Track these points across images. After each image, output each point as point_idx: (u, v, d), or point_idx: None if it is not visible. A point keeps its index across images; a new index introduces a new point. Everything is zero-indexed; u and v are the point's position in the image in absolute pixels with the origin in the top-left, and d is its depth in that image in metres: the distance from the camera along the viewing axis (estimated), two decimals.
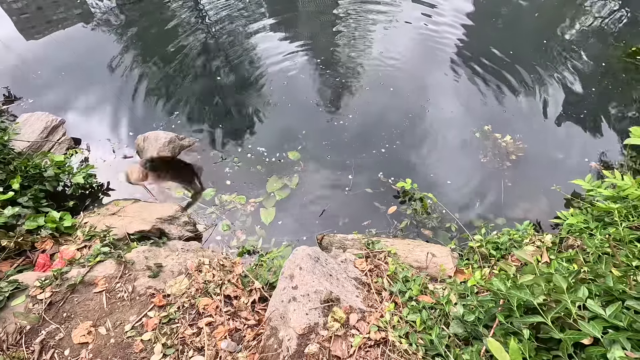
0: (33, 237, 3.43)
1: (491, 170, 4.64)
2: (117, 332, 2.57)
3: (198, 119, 5.43)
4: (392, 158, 4.77)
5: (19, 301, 2.56)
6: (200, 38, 7.05)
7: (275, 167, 4.70)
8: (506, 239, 3.38)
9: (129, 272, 2.95)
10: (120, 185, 4.55)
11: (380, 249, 3.38)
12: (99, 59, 6.53)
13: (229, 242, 4.03)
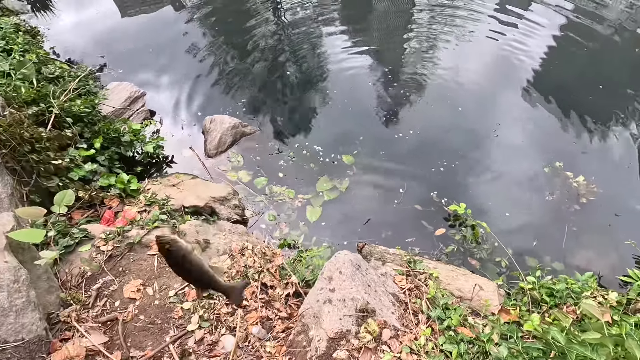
0: (103, 194, 3.78)
1: (556, 211, 4.29)
2: (161, 295, 2.74)
3: (262, 109, 5.63)
4: (448, 179, 4.59)
5: (85, 248, 2.83)
6: (272, 31, 7.31)
7: (328, 167, 4.74)
8: (563, 287, 3.11)
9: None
10: (183, 159, 4.86)
11: (422, 269, 3.27)
12: (181, 41, 7.02)
13: (273, 232, 4.13)
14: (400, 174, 4.64)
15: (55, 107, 3.78)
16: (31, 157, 3.24)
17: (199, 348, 2.46)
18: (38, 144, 3.34)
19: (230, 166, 4.76)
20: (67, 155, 3.67)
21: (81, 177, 3.69)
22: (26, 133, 3.27)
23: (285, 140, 5.14)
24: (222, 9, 8.12)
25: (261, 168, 4.74)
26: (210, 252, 3.20)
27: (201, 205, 3.91)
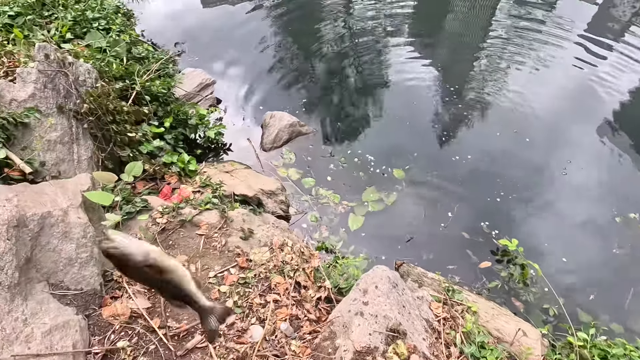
0: (165, 170, 4.06)
1: (623, 267, 3.88)
2: (202, 274, 2.89)
3: (320, 112, 5.72)
4: (503, 211, 4.34)
5: (144, 218, 3.06)
6: (339, 36, 7.38)
7: (377, 178, 4.69)
8: (620, 352, 2.80)
9: (226, 227, 3.29)
10: (239, 149, 5.08)
11: (461, 300, 3.12)
12: (253, 37, 7.33)
13: (312, 233, 4.17)
14: (451, 198, 4.47)
15: (138, 85, 4.14)
16: (111, 127, 3.58)
17: (229, 332, 2.56)
18: (119, 116, 3.68)
19: (282, 162, 4.89)
20: (141, 129, 3.99)
21: (149, 152, 4.00)
22: (111, 105, 3.61)
23: (339, 145, 5.18)
24: (295, 10, 8.37)
25: (311, 169, 4.81)
26: (253, 241, 3.30)
27: (250, 195, 4.06)
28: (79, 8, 4.75)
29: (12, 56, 3.31)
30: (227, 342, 2.49)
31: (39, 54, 3.24)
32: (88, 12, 4.72)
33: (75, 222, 2.41)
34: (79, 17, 4.61)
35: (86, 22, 4.64)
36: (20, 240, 2.16)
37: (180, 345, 2.39)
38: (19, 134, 2.94)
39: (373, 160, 4.89)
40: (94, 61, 3.97)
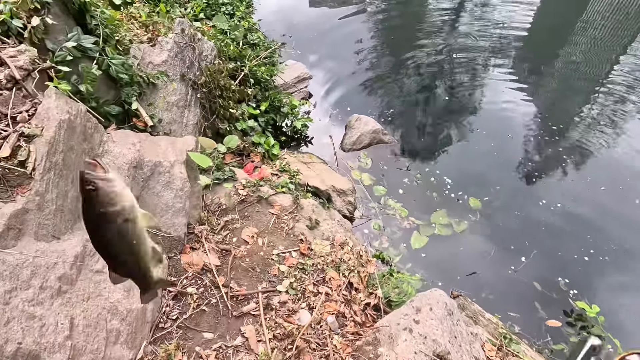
0: (252, 148, 4.40)
1: None
2: (267, 250, 3.09)
3: (405, 124, 5.68)
4: (589, 271, 3.88)
5: (229, 186, 3.37)
6: (437, 51, 7.21)
7: (450, 203, 4.52)
8: None
9: (296, 213, 3.47)
10: (320, 144, 5.28)
11: (517, 352, 2.89)
12: (352, 38, 7.52)
13: (373, 240, 4.18)
14: (529, 242, 4.13)
15: (247, 68, 4.54)
16: (218, 101, 3.99)
17: (280, 309, 2.71)
18: (226, 93, 4.09)
19: (357, 165, 4.96)
20: (240, 108, 4.38)
21: (242, 129, 4.37)
22: (222, 81, 4.03)
23: (417, 160, 5.09)
24: (397, 18, 8.38)
25: (385, 178, 4.81)
26: (317, 232, 3.43)
27: (322, 189, 4.21)
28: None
29: (156, 26, 3.87)
30: (277, 317, 2.64)
31: (177, 28, 3.75)
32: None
33: (177, 175, 2.76)
34: (211, 1, 5.20)
35: (216, 5, 5.22)
36: (135, 179, 2.55)
37: (237, 307, 2.60)
38: (148, 92, 3.44)
39: (450, 184, 4.72)
40: (216, 40, 4.45)
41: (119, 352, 2.01)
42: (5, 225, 1.70)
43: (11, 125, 1.95)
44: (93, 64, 2.72)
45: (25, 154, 1.88)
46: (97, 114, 2.58)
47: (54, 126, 2.01)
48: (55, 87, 2.17)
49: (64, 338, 1.71)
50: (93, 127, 2.36)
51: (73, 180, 2.11)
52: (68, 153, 2.08)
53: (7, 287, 1.59)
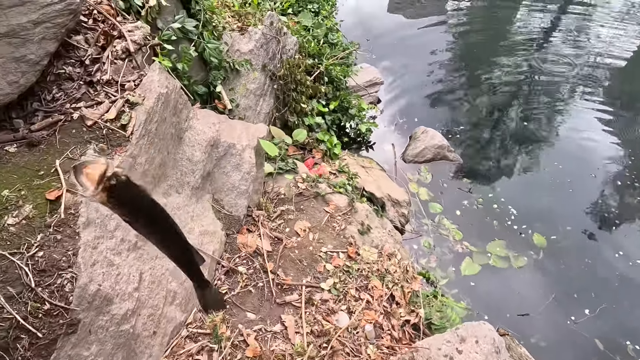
0: (315, 145, 4.48)
1: None
2: (315, 246, 3.13)
3: (473, 144, 5.43)
4: None
5: (289, 177, 3.47)
6: (518, 72, 6.74)
7: (511, 234, 4.24)
8: None
9: (350, 215, 3.47)
10: (380, 150, 5.23)
11: None
12: (427, 48, 7.30)
13: (420, 257, 4.06)
14: (597, 294, 3.73)
15: (323, 66, 4.63)
16: (292, 94, 4.13)
17: (321, 306, 2.74)
18: (300, 87, 4.21)
19: (416, 178, 4.84)
20: (310, 104, 4.48)
21: (309, 124, 4.47)
22: (298, 76, 4.15)
23: (481, 184, 4.83)
24: (479, 33, 7.97)
25: (443, 196, 4.63)
26: (366, 238, 3.41)
27: (377, 196, 4.17)
28: None
29: (247, 16, 4.09)
30: (317, 313, 2.68)
31: (267, 20, 3.93)
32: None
33: (247, 159, 2.91)
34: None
35: (304, 2, 5.38)
36: (210, 157, 2.73)
37: (280, 294, 2.68)
38: (231, 77, 3.65)
39: (514, 214, 4.41)
40: (298, 36, 4.60)
41: (173, 312, 2.18)
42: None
43: (119, 92, 2.19)
44: (191, 45, 2.96)
45: (127, 119, 2.10)
46: (187, 91, 2.80)
47: (154, 97, 2.22)
48: (159, 62, 2.39)
49: (132, 289, 1.89)
50: (183, 104, 2.57)
51: (160, 148, 2.31)
52: (160, 123, 2.28)
53: (97, 234, 1.79)
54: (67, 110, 2.08)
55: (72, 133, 2.02)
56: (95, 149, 1.99)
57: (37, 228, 1.66)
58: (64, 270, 1.63)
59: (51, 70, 2.20)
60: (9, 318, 1.50)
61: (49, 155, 1.90)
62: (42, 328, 1.55)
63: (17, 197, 1.71)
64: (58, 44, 2.09)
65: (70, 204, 1.75)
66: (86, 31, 2.36)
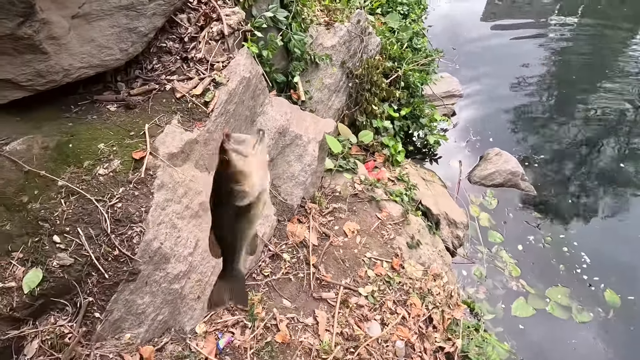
0: (378, 148, 4.42)
1: None
2: (361, 249, 3.10)
3: (554, 175, 4.94)
4: None
5: (348, 176, 3.47)
6: (625, 96, 5.93)
7: (578, 284, 3.80)
8: None
9: (401, 226, 3.38)
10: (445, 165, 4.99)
11: None
12: (519, 63, 6.73)
13: (467, 285, 3.82)
14: None
15: (401, 70, 4.52)
16: (365, 94, 4.10)
17: (355, 310, 2.71)
18: (374, 89, 4.15)
19: (479, 202, 4.54)
20: (382, 107, 4.41)
21: (376, 127, 4.40)
22: (375, 77, 4.10)
23: (553, 221, 4.39)
24: (583, 53, 7.16)
25: (506, 226, 4.29)
26: (414, 253, 3.30)
27: (433, 212, 3.99)
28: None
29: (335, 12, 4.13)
30: (350, 317, 2.66)
31: (354, 18, 3.92)
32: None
33: (310, 152, 2.96)
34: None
35: (394, 4, 5.28)
36: (276, 144, 2.83)
37: (318, 289, 2.71)
38: (310, 70, 3.72)
39: (587, 263, 3.94)
40: (382, 37, 4.53)
41: None
42: (180, 149, 2.09)
43: (208, 71, 2.35)
44: (278, 35, 3.07)
45: (210, 97, 2.25)
46: (267, 78, 2.92)
47: (237, 80, 2.35)
48: (248, 48, 2.52)
49: (188, 253, 2.04)
50: (261, 89, 2.68)
51: (234, 128, 2.45)
52: (239, 105, 2.41)
53: (167, 197, 1.96)
54: (162, 81, 2.29)
55: (162, 102, 2.22)
56: (179, 120, 2.16)
57: (120, 182, 1.87)
58: (135, 223, 1.81)
59: (154, 43, 2.43)
60: (86, 255, 1.71)
61: (141, 119, 2.11)
62: (109, 270, 1.75)
63: (109, 151, 1.93)
64: (165, 20, 2.30)
65: (150, 166, 1.93)
66: (190, 11, 2.56)
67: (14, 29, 1.70)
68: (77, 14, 1.94)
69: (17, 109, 1.96)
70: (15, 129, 1.89)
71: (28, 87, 1.91)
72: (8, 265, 1.64)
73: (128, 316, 1.83)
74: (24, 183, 1.75)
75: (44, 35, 1.80)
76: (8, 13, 1.65)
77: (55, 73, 1.93)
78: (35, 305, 1.65)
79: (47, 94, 2.00)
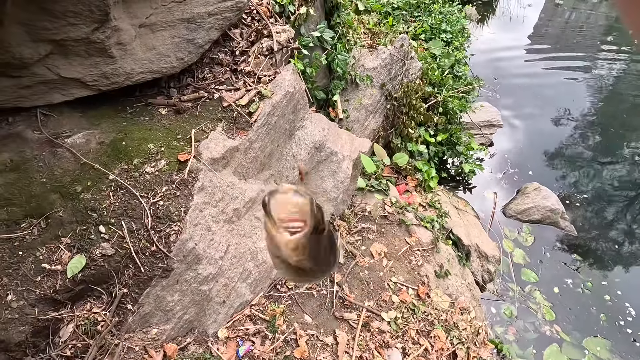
0: (412, 172, 4.37)
1: None
2: (387, 273, 3.03)
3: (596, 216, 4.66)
4: None
5: (379, 197, 3.45)
6: None
7: (621, 337, 3.50)
8: None
9: (430, 253, 3.29)
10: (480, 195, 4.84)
11: None
12: (564, 98, 6.51)
13: (497, 324, 3.62)
14: None
15: (441, 96, 4.49)
16: (402, 117, 4.10)
17: (376, 335, 2.64)
18: (412, 112, 4.15)
19: (514, 237, 4.35)
20: (418, 131, 4.38)
21: (411, 150, 4.37)
22: (414, 101, 4.11)
23: (594, 266, 4.11)
24: (632, 93, 6.80)
25: (542, 266, 4.07)
26: (441, 283, 3.18)
27: (464, 242, 3.86)
28: (439, 19, 5.48)
29: (379, 35, 4.22)
30: (370, 341, 2.59)
31: (398, 42, 3.98)
32: (444, 24, 5.38)
33: (344, 169, 2.98)
34: (435, 26, 5.33)
35: (437, 30, 5.32)
36: (312, 158, 2.87)
37: (340, 309, 2.66)
38: (349, 89, 3.79)
39: (632, 315, 3.64)
40: (424, 62, 4.55)
41: (243, 290, 2.33)
42: (222, 155, 2.17)
43: (255, 83, 2.46)
44: (323, 54, 3.17)
45: (255, 107, 2.34)
46: (309, 94, 2.99)
47: (281, 94, 2.43)
48: (294, 64, 2.61)
49: (219, 257, 2.08)
50: (302, 104, 2.76)
51: (273, 140, 2.52)
52: (280, 118, 2.49)
53: (205, 199, 2.03)
54: (211, 90, 2.41)
55: (209, 109, 2.33)
56: (223, 128, 2.26)
57: (164, 181, 1.96)
58: (174, 222, 1.88)
59: (208, 54, 2.57)
60: (126, 248, 1.79)
61: (188, 124, 2.23)
62: (145, 264, 1.82)
63: (157, 151, 2.04)
64: (220, 33, 2.44)
65: (193, 168, 2.02)
66: (243, 26, 2.71)
67: (88, 34, 1.87)
68: (144, 23, 2.10)
69: (81, 105, 2.13)
70: (78, 124, 2.04)
71: (93, 87, 2.07)
72: (56, 249, 1.74)
73: (157, 312, 1.88)
74: (79, 174, 1.88)
75: (114, 41, 1.96)
76: (86, 19, 1.82)
77: (119, 76, 2.08)
78: (75, 290, 1.74)
79: (108, 94, 2.16)
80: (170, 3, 2.13)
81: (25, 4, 1.69)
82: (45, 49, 1.84)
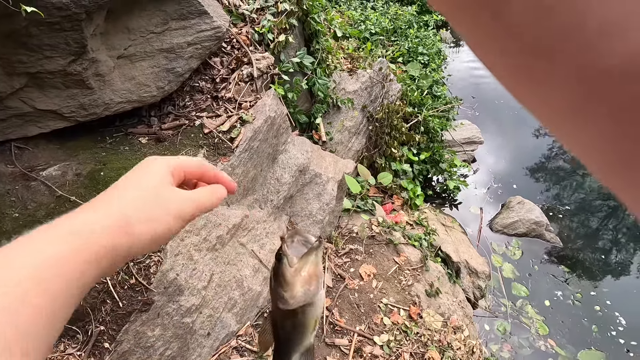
0: (397, 191, 4.39)
1: None
2: (377, 294, 2.98)
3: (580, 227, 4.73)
4: None
5: (365, 217, 3.44)
6: None
7: (614, 349, 3.48)
8: None
9: (420, 272, 3.26)
10: (465, 211, 4.88)
11: None
12: None
13: (491, 341, 3.56)
14: None
15: (421, 116, 4.61)
16: (385, 137, 4.17)
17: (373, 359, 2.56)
18: (394, 132, 4.23)
19: (502, 251, 4.36)
20: (401, 150, 4.45)
21: (395, 169, 4.42)
22: (395, 121, 4.19)
23: (583, 277, 4.13)
24: None
25: (531, 279, 4.07)
26: (433, 302, 3.14)
27: (453, 260, 3.85)
28: (416, 42, 5.70)
29: (358, 59, 4.35)
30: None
31: (377, 66, 4.11)
32: (420, 48, 5.59)
33: (329, 191, 2.98)
34: (412, 49, 5.54)
35: (414, 54, 5.52)
36: (296, 182, 2.86)
37: (331, 334, 2.59)
38: (332, 112, 3.85)
39: (623, 325, 3.64)
40: (403, 84, 4.69)
41: (229, 320, 2.25)
42: None
43: (236, 109, 2.47)
44: (304, 79, 3.23)
45: (236, 133, 2.34)
46: (291, 118, 3.03)
47: (263, 119, 2.45)
48: (275, 90, 2.65)
49: (202, 286, 2.02)
50: (285, 128, 2.78)
51: (256, 164, 2.51)
52: (262, 142, 2.49)
53: (187, 228, 1.98)
54: (192, 117, 2.42)
55: (190, 136, 2.33)
56: (204, 154, 2.25)
57: None
58: (154, 253, 1.83)
59: (188, 82, 2.60)
60: (103, 282, 1.72)
61: (169, 152, 2.21)
62: (124, 299, 1.74)
63: None
64: (200, 62, 2.47)
65: None
66: (223, 55, 2.75)
67: (65, 66, 1.87)
68: (122, 54, 2.12)
69: (58, 137, 2.09)
70: (54, 156, 2.00)
71: (70, 118, 2.05)
72: None
73: (137, 349, 1.78)
74: (54, 207, 1.82)
75: (92, 72, 1.96)
76: (62, 52, 1.82)
77: (97, 106, 2.07)
78: None
79: (87, 124, 2.14)
80: (149, 34, 2.16)
81: (2, 40, 1.68)
82: (20, 82, 1.82)
